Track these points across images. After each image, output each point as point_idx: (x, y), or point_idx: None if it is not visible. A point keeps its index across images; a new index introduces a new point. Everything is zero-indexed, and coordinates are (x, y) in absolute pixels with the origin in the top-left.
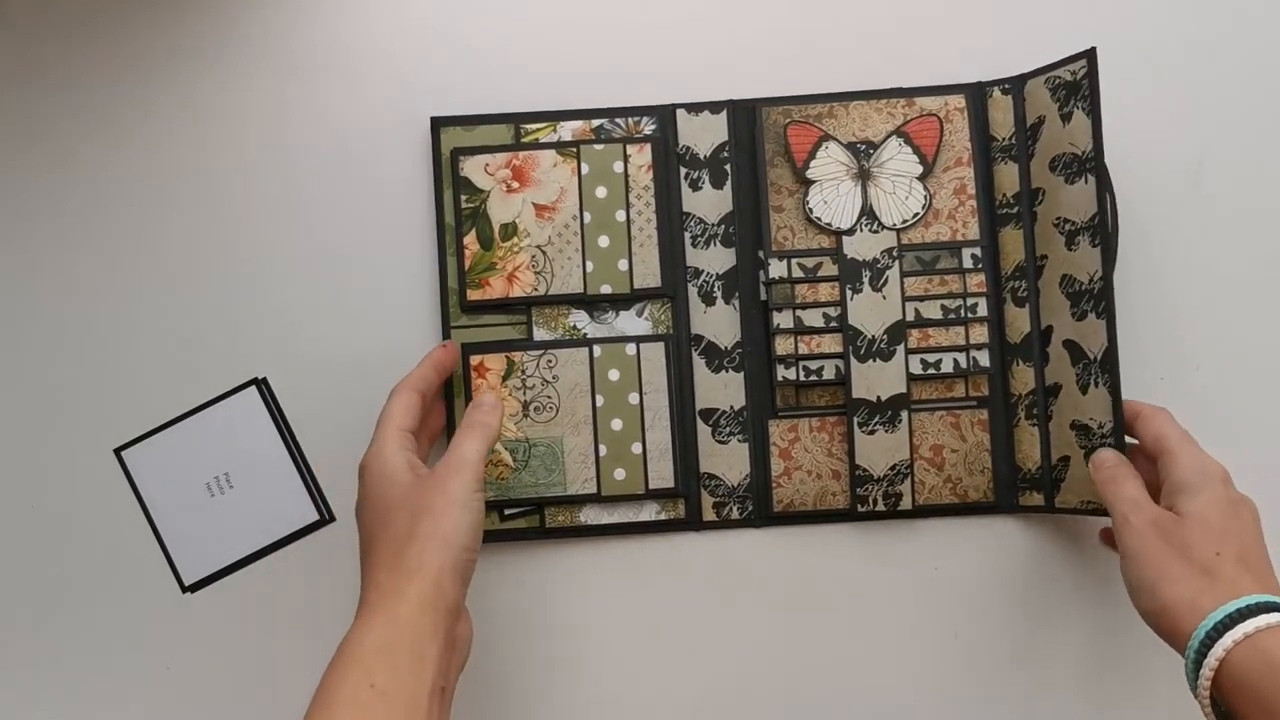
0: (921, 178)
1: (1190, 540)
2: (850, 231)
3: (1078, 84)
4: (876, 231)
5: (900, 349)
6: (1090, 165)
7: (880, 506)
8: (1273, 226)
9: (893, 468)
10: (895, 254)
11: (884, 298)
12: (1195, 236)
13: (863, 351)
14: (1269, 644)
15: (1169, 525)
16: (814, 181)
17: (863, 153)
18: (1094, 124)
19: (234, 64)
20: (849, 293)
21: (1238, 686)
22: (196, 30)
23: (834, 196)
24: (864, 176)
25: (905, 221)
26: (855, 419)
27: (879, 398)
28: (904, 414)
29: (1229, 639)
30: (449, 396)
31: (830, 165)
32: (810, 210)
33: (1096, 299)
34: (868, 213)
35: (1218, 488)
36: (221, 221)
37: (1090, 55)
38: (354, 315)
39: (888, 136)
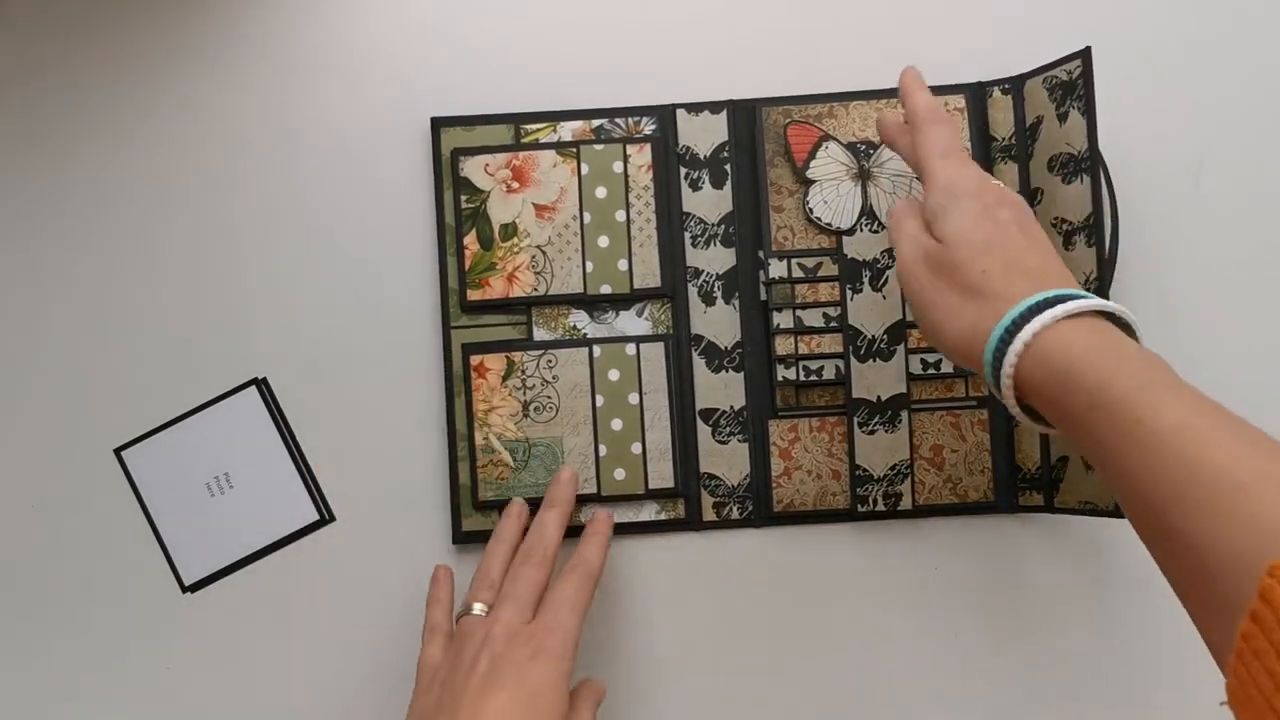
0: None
1: (956, 264)
2: (850, 231)
3: (1073, 84)
4: (876, 231)
5: (900, 349)
6: (1086, 165)
7: (880, 506)
8: (1273, 226)
9: (893, 468)
10: (894, 254)
11: (884, 298)
12: (1195, 236)
13: (863, 351)
14: (1048, 347)
15: (936, 255)
16: (814, 181)
17: (863, 153)
18: (1089, 124)
19: (234, 64)
20: (849, 293)
21: (1035, 394)
22: (197, 31)
23: (834, 196)
24: (864, 176)
25: None
26: (855, 419)
27: (879, 398)
28: (904, 414)
29: (1008, 365)
30: (449, 396)
31: (830, 165)
32: (810, 210)
33: None
34: (868, 213)
35: (967, 202)
36: (221, 222)
37: (1085, 55)
38: (354, 315)
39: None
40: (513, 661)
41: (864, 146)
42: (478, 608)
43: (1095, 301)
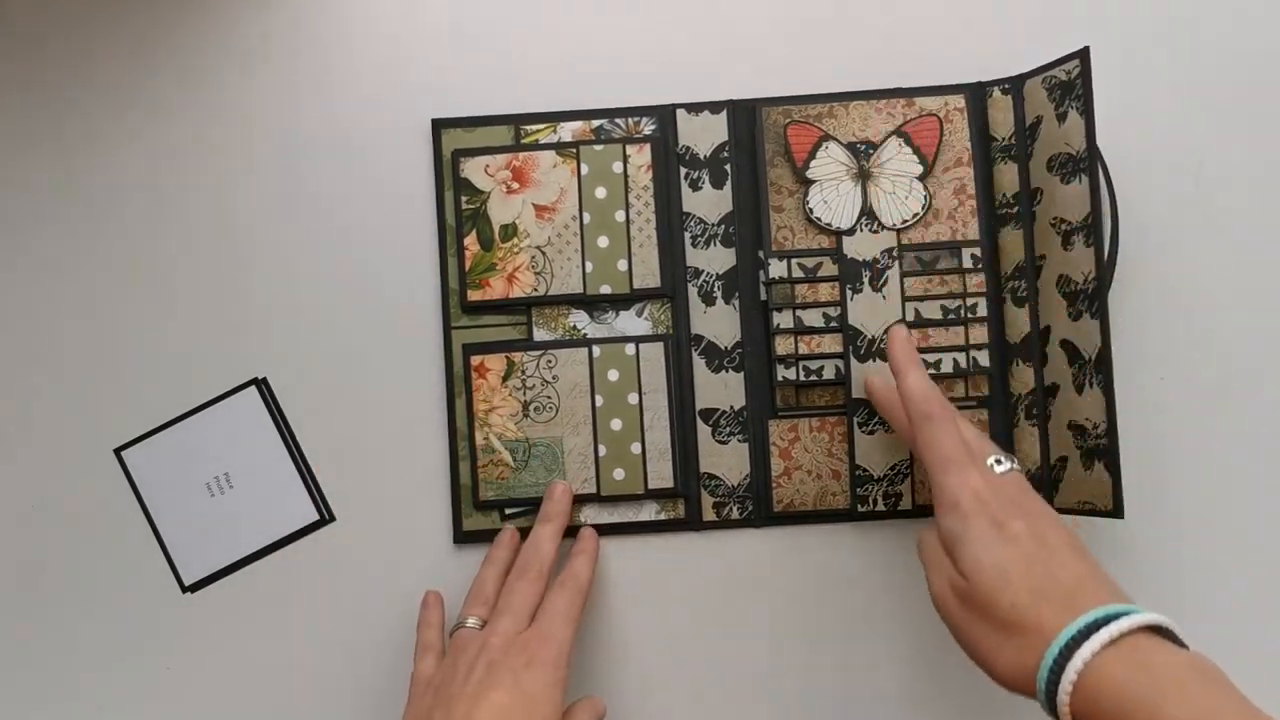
0: (921, 178)
1: (983, 601)
2: (850, 231)
3: (1072, 84)
4: (876, 232)
5: None
6: (1085, 165)
7: (880, 506)
8: (1273, 225)
9: (892, 468)
10: (895, 254)
11: (884, 298)
12: (1196, 236)
13: (862, 351)
14: (1095, 682)
15: (963, 591)
16: (814, 181)
17: (862, 153)
18: (1087, 124)
19: (234, 66)
20: (849, 293)
21: (1097, 697)
22: (197, 33)
23: (834, 196)
24: (864, 177)
25: (905, 222)
26: (855, 419)
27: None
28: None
29: (1062, 702)
30: (449, 396)
31: (830, 165)
32: (810, 210)
33: (1091, 299)
34: (867, 213)
35: (977, 525)
36: (222, 222)
37: (1083, 55)
38: (355, 316)
39: (887, 136)
40: (509, 668)
41: (864, 146)
42: (472, 621)
43: (1134, 619)
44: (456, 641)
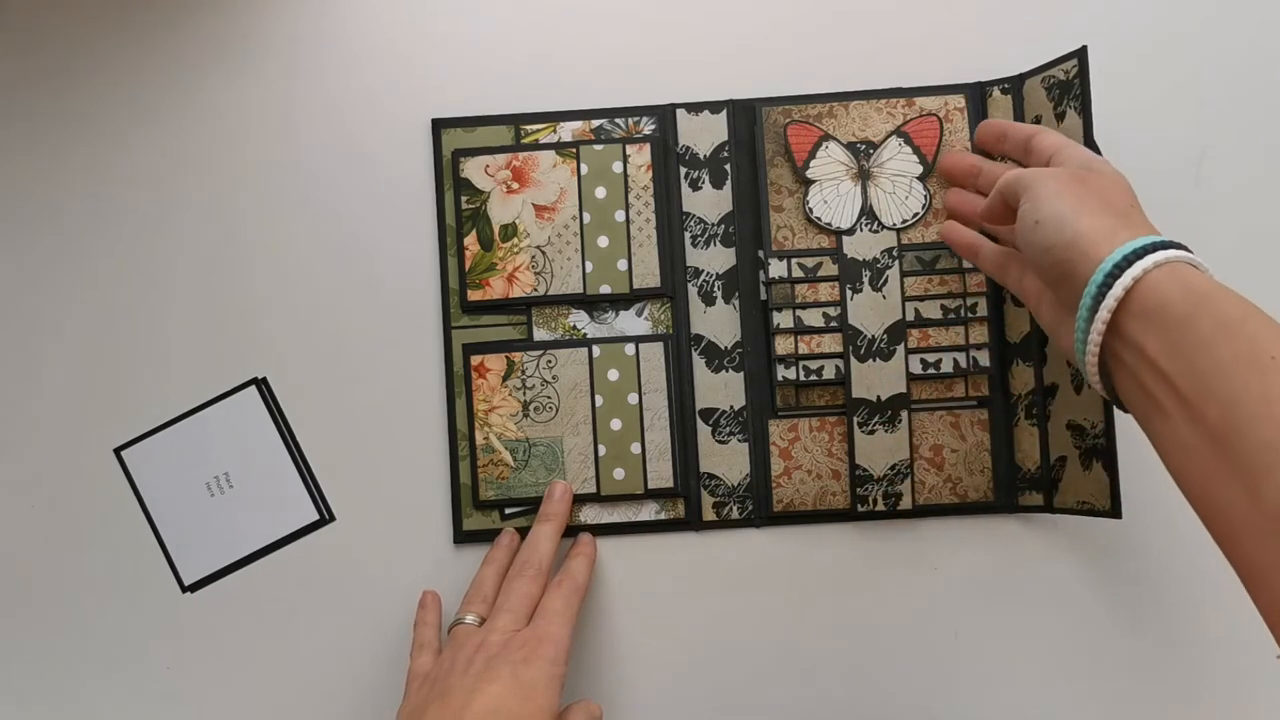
0: (922, 177)
1: (1105, 190)
2: (850, 231)
3: (1070, 83)
4: (876, 231)
5: (900, 349)
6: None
7: (880, 506)
8: (1274, 224)
9: (892, 467)
10: (895, 254)
11: (884, 297)
12: (1196, 234)
13: (863, 351)
14: (1188, 273)
15: (1083, 175)
16: (814, 181)
17: (863, 152)
18: (1085, 123)
19: (234, 66)
20: (849, 292)
21: (1147, 311)
22: (197, 32)
23: (834, 196)
24: (864, 176)
25: (905, 221)
26: (855, 419)
27: (879, 397)
28: (904, 414)
29: (1150, 260)
30: (449, 396)
31: (830, 165)
32: (810, 210)
33: None
34: (868, 213)
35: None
36: (222, 222)
37: (1081, 54)
38: (355, 315)
39: (888, 136)
40: (508, 661)
41: (864, 146)
42: (470, 618)
43: (1185, 254)
44: (455, 637)
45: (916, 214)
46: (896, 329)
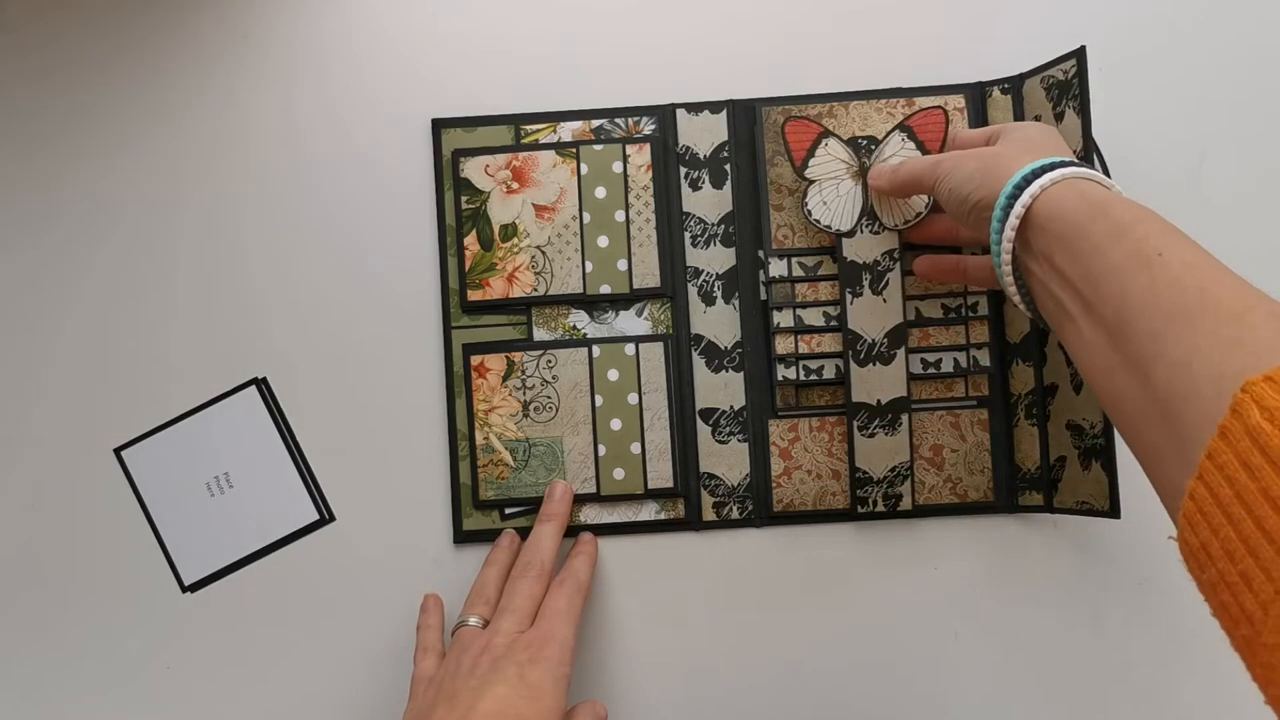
0: None
1: (1018, 138)
2: (850, 233)
3: (1069, 83)
4: (877, 233)
5: (900, 352)
6: None
7: (880, 507)
8: (1273, 224)
9: (893, 469)
10: (896, 255)
11: (884, 301)
12: (1196, 233)
13: (862, 355)
14: (1086, 186)
15: (991, 143)
16: (813, 181)
17: (864, 148)
18: (1084, 123)
19: (235, 66)
20: (849, 296)
21: (1049, 222)
22: (197, 32)
23: (833, 197)
24: (865, 174)
25: (907, 222)
26: (855, 422)
27: (879, 401)
28: (904, 417)
29: (1048, 177)
30: (449, 396)
31: (830, 163)
32: (809, 213)
33: None
34: (868, 213)
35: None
36: (222, 222)
37: (1079, 54)
38: (355, 315)
39: (891, 131)
40: (513, 662)
41: (865, 142)
42: (474, 620)
43: (1088, 170)
44: (459, 639)
45: (919, 214)
46: (897, 332)
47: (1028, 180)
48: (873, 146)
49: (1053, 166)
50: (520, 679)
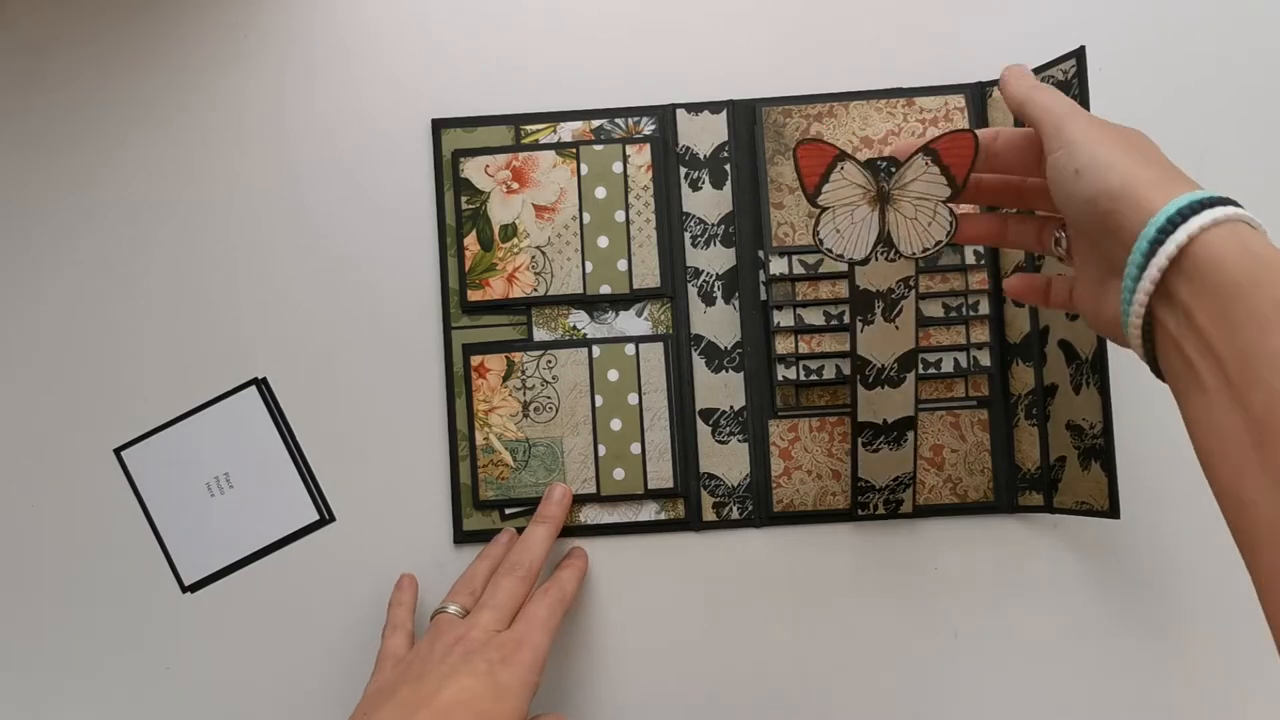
0: (949, 200)
1: (1141, 142)
2: (864, 261)
3: (1068, 83)
4: (893, 260)
5: (911, 376)
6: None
7: (881, 511)
8: (1273, 223)
9: (895, 479)
10: (912, 283)
11: (896, 328)
12: None
13: (870, 379)
14: (1248, 235)
15: (1112, 125)
16: (826, 209)
17: (883, 171)
18: None
19: (233, 66)
20: (859, 324)
21: (1201, 274)
22: (195, 31)
23: (847, 225)
24: (883, 200)
25: (926, 250)
26: (860, 440)
27: (885, 420)
28: (910, 434)
29: (1207, 216)
30: (449, 396)
31: (846, 189)
32: (821, 241)
33: None
34: (885, 240)
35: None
36: (222, 222)
37: (1079, 54)
38: (354, 316)
39: (915, 154)
40: (486, 659)
41: (884, 164)
42: (454, 608)
43: (1241, 211)
44: (437, 625)
45: (939, 242)
46: (908, 358)
47: (1183, 215)
48: (893, 169)
49: (1210, 203)
50: (489, 675)
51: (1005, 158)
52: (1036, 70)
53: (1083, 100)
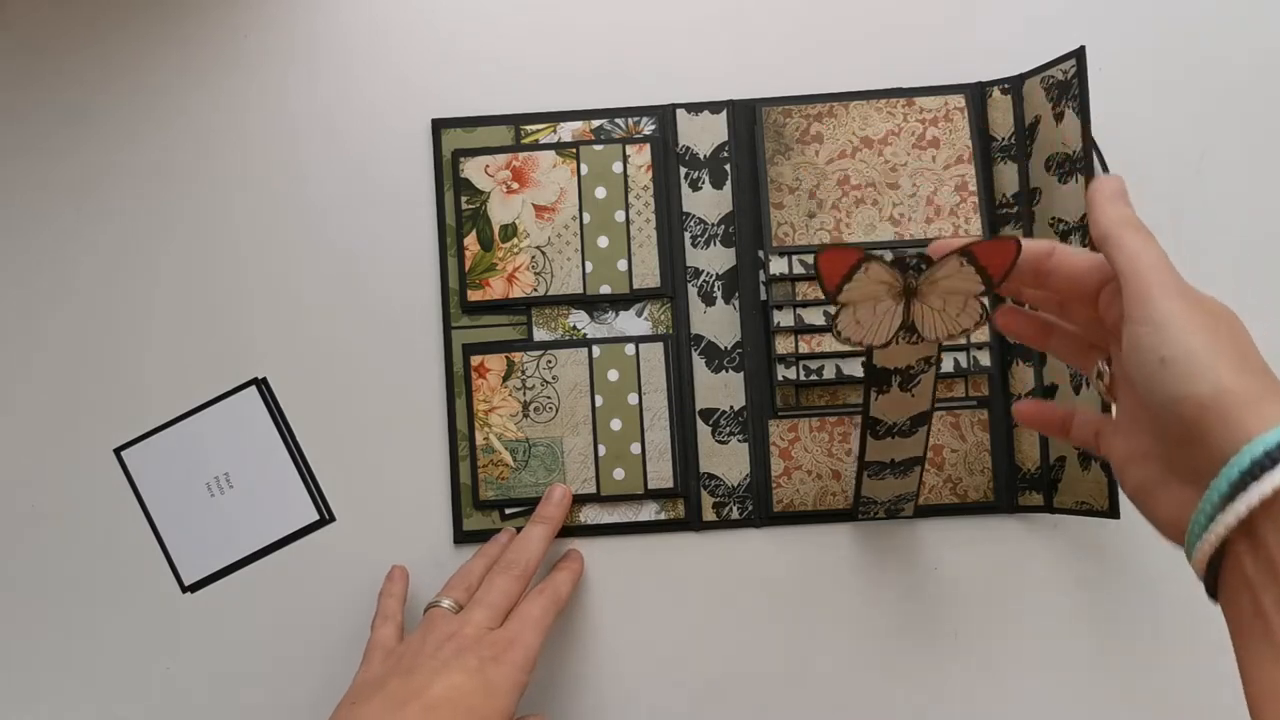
0: (981, 295)
1: (1230, 325)
2: (885, 345)
3: (1068, 83)
4: (915, 343)
5: (923, 429)
6: (1080, 165)
7: (881, 515)
8: (1274, 223)
9: (898, 496)
10: (933, 360)
11: (912, 396)
12: (1197, 232)
13: (881, 433)
14: None
15: (1206, 302)
16: (845, 305)
17: (912, 269)
18: (1083, 123)
19: (233, 66)
20: (874, 394)
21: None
22: (195, 32)
23: (869, 316)
24: (909, 294)
25: (952, 337)
26: (866, 473)
27: (893, 460)
28: (917, 469)
29: (1237, 512)
30: (449, 396)
31: (869, 287)
32: (839, 332)
33: None
34: (908, 328)
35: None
36: (222, 222)
37: (1079, 54)
38: (354, 315)
39: (948, 256)
40: (477, 656)
41: (914, 260)
42: (447, 603)
43: None
44: (430, 618)
45: (966, 329)
46: (922, 416)
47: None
48: (923, 266)
49: None
50: (480, 672)
51: (1057, 280)
52: (1036, 70)
53: (1083, 100)
